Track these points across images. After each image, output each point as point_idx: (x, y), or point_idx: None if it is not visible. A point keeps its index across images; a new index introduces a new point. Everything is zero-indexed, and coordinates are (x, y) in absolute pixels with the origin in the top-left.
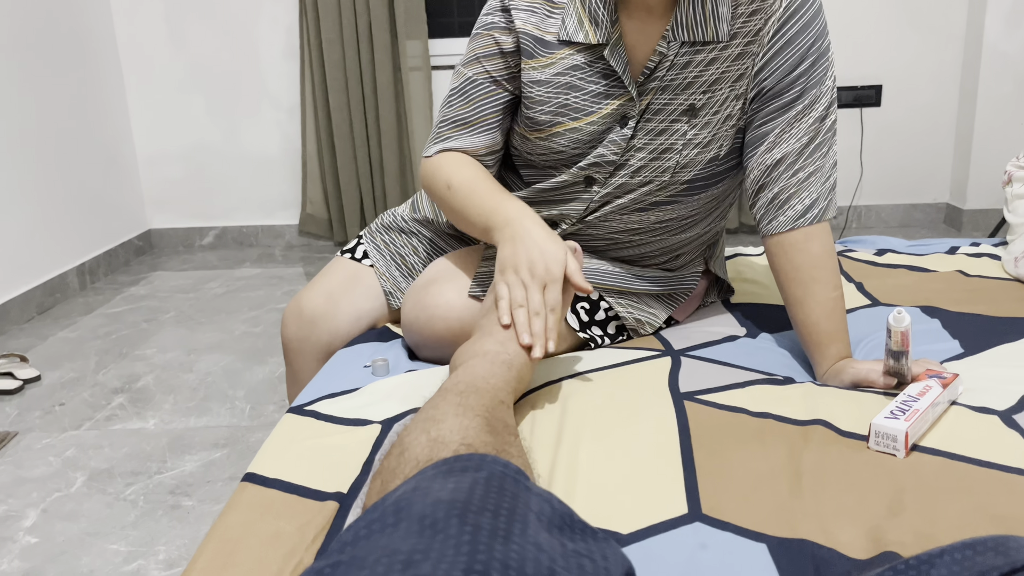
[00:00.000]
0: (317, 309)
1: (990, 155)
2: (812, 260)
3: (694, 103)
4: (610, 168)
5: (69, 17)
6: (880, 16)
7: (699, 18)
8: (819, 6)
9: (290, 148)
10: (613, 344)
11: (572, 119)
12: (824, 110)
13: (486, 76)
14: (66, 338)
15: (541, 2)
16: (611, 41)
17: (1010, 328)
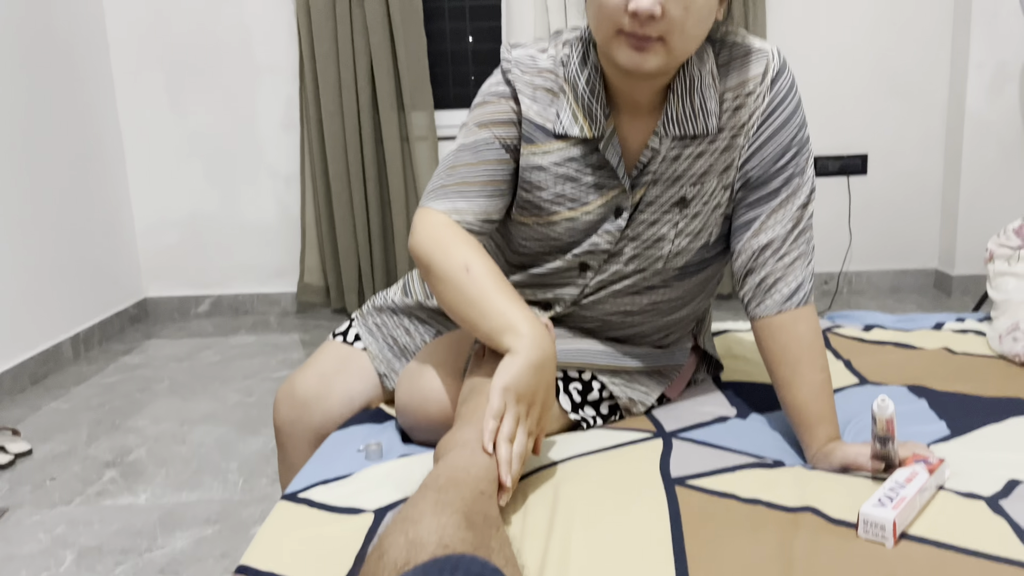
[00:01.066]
0: (310, 391)
1: (977, 221)
2: (799, 342)
3: (685, 195)
4: (604, 256)
5: (72, 86)
6: (864, 86)
7: (688, 113)
8: (799, 100)
9: (287, 217)
10: (605, 424)
11: (568, 208)
12: (806, 198)
13: (498, 142)
14: (58, 409)
15: (542, 91)
16: (605, 135)
17: (996, 408)
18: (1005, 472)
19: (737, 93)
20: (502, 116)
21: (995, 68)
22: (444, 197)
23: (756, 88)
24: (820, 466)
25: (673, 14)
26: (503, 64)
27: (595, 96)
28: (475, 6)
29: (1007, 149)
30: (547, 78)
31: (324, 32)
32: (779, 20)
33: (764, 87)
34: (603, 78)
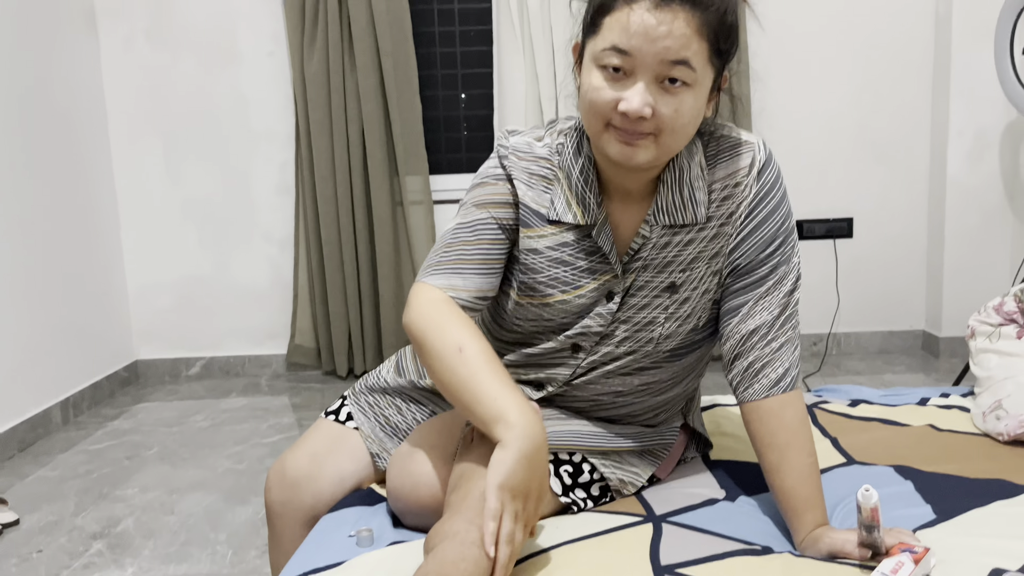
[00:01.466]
0: (301, 471)
1: (962, 284)
2: (786, 427)
3: (675, 281)
4: (596, 338)
5: (69, 151)
6: (849, 152)
7: (678, 203)
8: (784, 191)
9: (279, 279)
10: (596, 506)
11: (562, 291)
12: (792, 285)
13: (495, 222)
14: (46, 477)
15: (538, 178)
16: (598, 223)
17: (981, 491)
18: (990, 560)
19: (725, 184)
20: (499, 198)
21: (975, 136)
22: (440, 273)
23: (743, 179)
24: (808, 552)
25: (663, 114)
26: (500, 150)
27: (588, 184)
28: (468, 74)
29: (988, 214)
30: (543, 165)
31: (319, 100)
32: (764, 89)
33: (751, 179)
34: (596, 167)
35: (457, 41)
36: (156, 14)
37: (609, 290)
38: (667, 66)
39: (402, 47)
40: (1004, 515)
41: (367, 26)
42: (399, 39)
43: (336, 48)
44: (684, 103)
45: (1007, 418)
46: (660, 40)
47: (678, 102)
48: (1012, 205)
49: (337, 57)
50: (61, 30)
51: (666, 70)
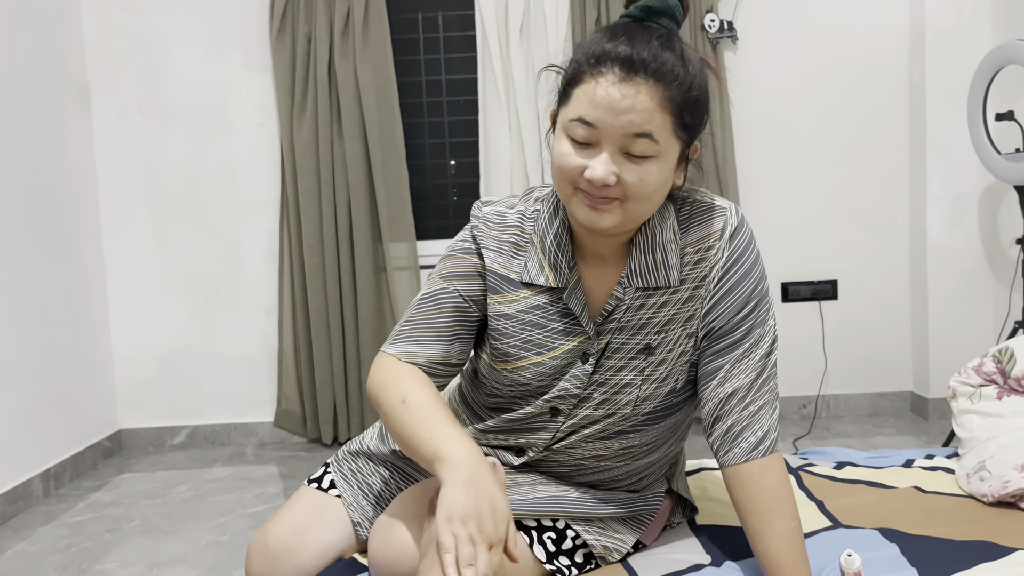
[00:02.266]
0: (283, 543)
1: (947, 346)
2: (768, 492)
3: (650, 343)
4: (573, 401)
5: (58, 222)
6: (831, 216)
7: (651, 266)
8: (757, 254)
9: (266, 347)
10: (581, 574)
11: (536, 354)
12: (768, 347)
13: (458, 294)
14: (25, 552)
15: (508, 245)
16: (569, 285)
17: (966, 553)
18: None
19: (698, 247)
20: (465, 271)
21: (953, 200)
22: (398, 342)
23: (715, 243)
24: None
25: (628, 182)
26: (472, 220)
27: (561, 249)
28: (455, 143)
29: (970, 277)
30: (512, 233)
31: (307, 169)
32: (747, 156)
33: (723, 242)
34: (570, 232)
35: (445, 111)
36: (148, 87)
37: (584, 352)
38: (630, 139)
39: (388, 117)
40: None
41: (354, 97)
42: (385, 109)
43: (325, 118)
44: (648, 173)
45: (990, 479)
46: (623, 114)
47: (643, 171)
48: (992, 267)
49: (326, 127)
50: (54, 103)
51: (629, 143)
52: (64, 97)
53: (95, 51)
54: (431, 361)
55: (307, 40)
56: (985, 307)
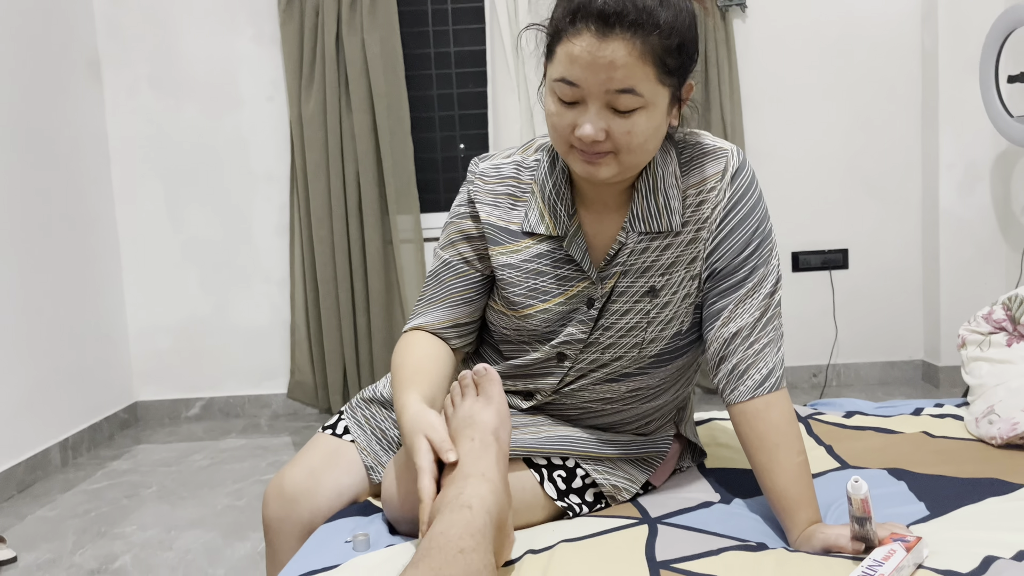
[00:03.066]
0: (298, 487)
1: (958, 314)
2: (774, 427)
3: (654, 285)
4: (580, 346)
5: (72, 195)
6: (842, 186)
7: (653, 211)
8: (759, 195)
9: (279, 320)
10: (592, 512)
11: (542, 301)
12: (772, 287)
13: (459, 258)
14: (45, 517)
15: (505, 197)
16: (569, 233)
17: (973, 489)
18: (981, 550)
19: (700, 189)
20: (463, 234)
21: (965, 168)
22: (416, 318)
23: (717, 184)
24: (802, 549)
25: (617, 135)
26: (468, 177)
27: (560, 197)
28: (464, 115)
29: (982, 245)
30: (508, 185)
31: (316, 142)
32: (757, 126)
33: (724, 183)
34: (570, 180)
35: (454, 83)
36: (159, 62)
37: (588, 297)
38: (613, 95)
39: (395, 89)
40: (997, 511)
41: (361, 69)
42: (392, 81)
43: (333, 90)
44: (637, 125)
45: (999, 422)
46: (603, 71)
47: (631, 124)
48: (1005, 234)
49: (334, 99)
50: (66, 78)
51: (613, 99)
52: (75, 72)
53: (106, 25)
54: (444, 325)
55: (315, 12)
56: (996, 275)
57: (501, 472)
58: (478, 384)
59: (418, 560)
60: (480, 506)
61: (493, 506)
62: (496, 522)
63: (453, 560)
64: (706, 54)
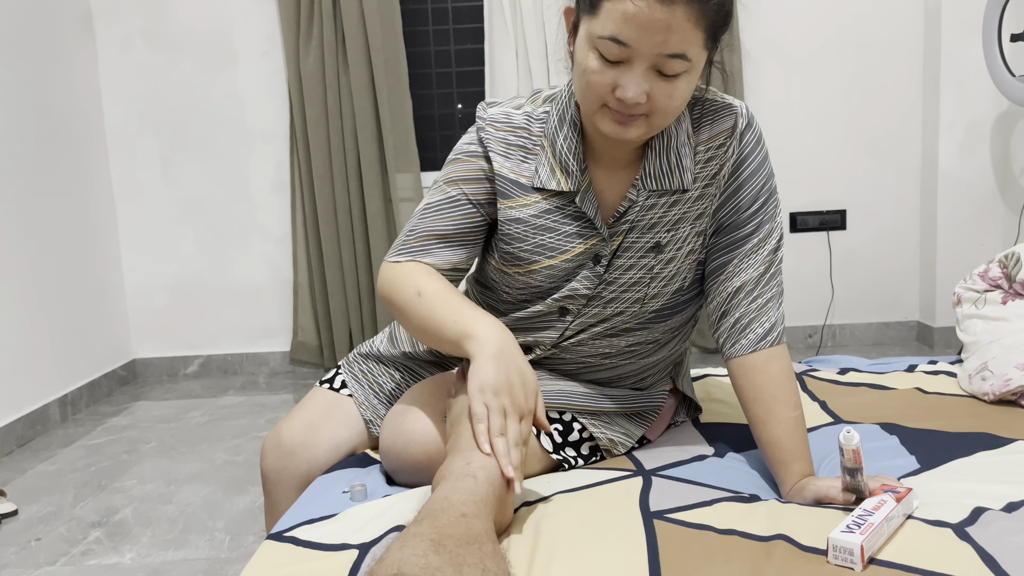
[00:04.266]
0: (296, 439)
1: (954, 275)
2: (772, 381)
3: (660, 241)
4: (583, 300)
5: (66, 153)
6: (840, 146)
7: (665, 170)
8: (766, 152)
9: (277, 278)
10: (587, 465)
11: (548, 257)
12: (776, 243)
13: (465, 198)
14: (45, 471)
15: (516, 149)
16: (581, 189)
17: (964, 443)
18: (972, 501)
19: (709, 146)
20: (473, 174)
21: (965, 128)
22: (404, 252)
23: (726, 141)
24: (795, 501)
25: (657, 99)
26: (478, 122)
27: (572, 152)
28: (461, 72)
29: (980, 207)
30: (520, 135)
31: (314, 98)
32: (756, 85)
33: (734, 140)
34: (582, 135)
35: (451, 39)
36: (152, 16)
37: (596, 253)
38: (664, 59)
39: (392, 44)
40: (988, 464)
41: (358, 24)
42: (389, 36)
43: (331, 46)
44: (678, 89)
45: (992, 378)
46: (659, 34)
47: (673, 88)
48: (1003, 196)
49: (332, 55)
50: (58, 32)
51: (662, 62)
52: (67, 26)
53: None
54: (445, 269)
55: None
56: (994, 236)
57: None
58: None
59: (421, 519)
60: (484, 477)
61: (497, 479)
62: (498, 493)
63: (456, 522)
64: None
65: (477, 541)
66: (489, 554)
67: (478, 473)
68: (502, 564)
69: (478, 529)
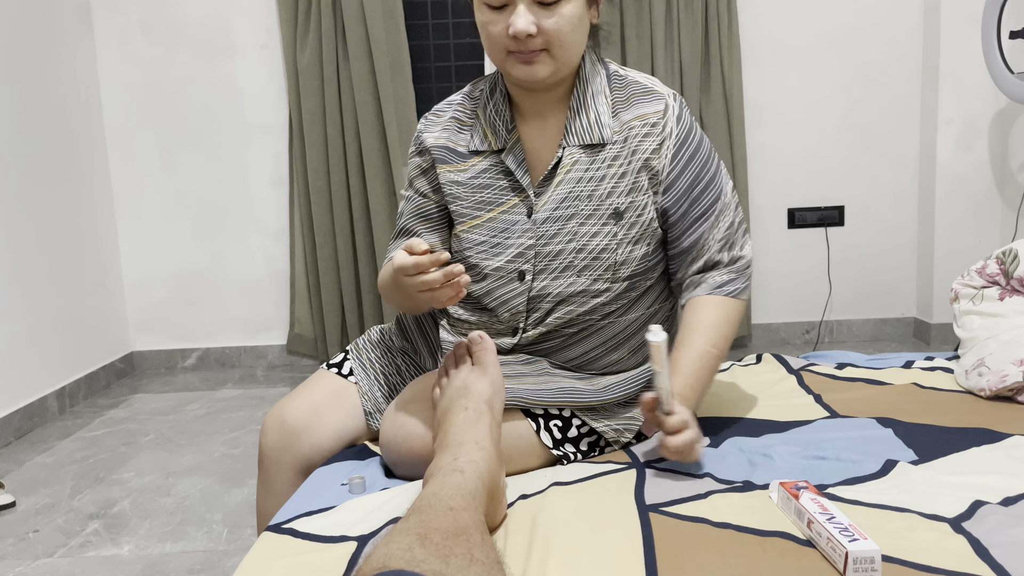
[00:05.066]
0: (301, 421)
1: (952, 271)
2: (708, 318)
3: (618, 207)
4: (531, 254)
5: (64, 145)
6: (839, 142)
7: (585, 125)
8: (701, 137)
9: (274, 271)
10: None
11: (488, 211)
12: (731, 218)
13: (415, 192)
14: (43, 463)
15: (453, 121)
16: (508, 146)
17: (961, 437)
18: (969, 494)
19: (644, 123)
20: (416, 172)
21: (964, 124)
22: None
23: (660, 120)
24: None
25: (547, 28)
26: (420, 121)
27: (499, 114)
28: (460, 66)
29: (978, 202)
30: (456, 109)
31: (312, 91)
32: (755, 80)
33: (670, 121)
34: (509, 99)
35: (450, 33)
36: (151, 8)
37: (529, 207)
38: None
39: (394, 35)
40: (985, 458)
41: (358, 15)
42: (391, 27)
43: (329, 38)
44: (563, 15)
45: (989, 374)
46: None
47: (557, 16)
48: (1001, 192)
49: (331, 48)
50: (56, 24)
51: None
52: (65, 17)
53: None
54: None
55: None
56: (991, 232)
57: (494, 440)
58: (473, 353)
59: (410, 514)
60: (472, 471)
61: (485, 472)
62: (488, 487)
63: (442, 515)
64: (706, 6)
65: (464, 533)
66: (477, 544)
67: (465, 467)
68: (491, 554)
69: (466, 521)
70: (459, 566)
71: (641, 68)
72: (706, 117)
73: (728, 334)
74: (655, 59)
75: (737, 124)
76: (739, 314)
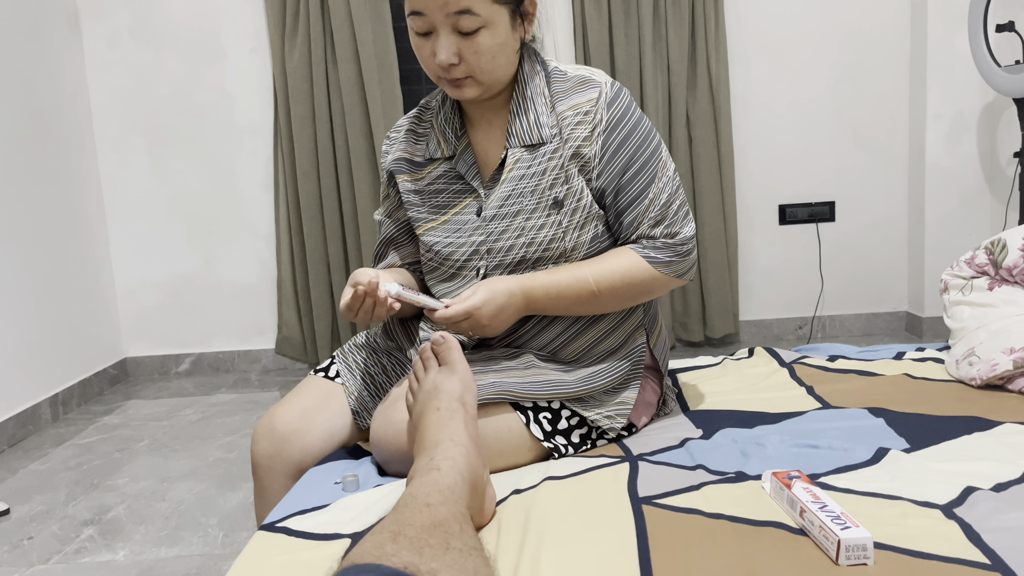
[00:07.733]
0: (290, 426)
1: (942, 265)
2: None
3: (557, 196)
4: (484, 251)
5: (54, 151)
6: (829, 138)
7: (526, 127)
8: (638, 119)
9: (267, 275)
10: (577, 453)
11: (443, 214)
12: (668, 197)
13: (384, 214)
14: (37, 470)
15: (409, 134)
16: (458, 152)
17: (953, 426)
18: (961, 480)
19: (576, 112)
20: (383, 195)
21: (952, 119)
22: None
23: (592, 108)
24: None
25: (467, 57)
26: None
27: (449, 123)
28: None
29: (967, 196)
30: (411, 122)
31: (300, 95)
32: (743, 78)
33: (600, 107)
34: (459, 108)
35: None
36: (139, 12)
37: (479, 207)
38: (455, 18)
39: (381, 38)
40: (976, 445)
41: (346, 18)
42: (379, 30)
43: (318, 42)
44: (482, 44)
45: (979, 363)
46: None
47: (476, 45)
48: (991, 186)
49: (319, 51)
50: (44, 30)
51: (456, 21)
52: (53, 23)
53: None
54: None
55: None
56: (981, 226)
57: (470, 435)
58: (438, 354)
59: (387, 516)
60: (449, 467)
61: (464, 467)
62: (469, 481)
63: (419, 512)
64: (692, 4)
65: (442, 525)
66: (455, 534)
67: (442, 464)
68: (470, 541)
69: (443, 514)
70: (433, 555)
71: (629, 67)
72: (693, 114)
73: (618, 287)
74: (643, 57)
75: (724, 121)
76: (647, 282)
